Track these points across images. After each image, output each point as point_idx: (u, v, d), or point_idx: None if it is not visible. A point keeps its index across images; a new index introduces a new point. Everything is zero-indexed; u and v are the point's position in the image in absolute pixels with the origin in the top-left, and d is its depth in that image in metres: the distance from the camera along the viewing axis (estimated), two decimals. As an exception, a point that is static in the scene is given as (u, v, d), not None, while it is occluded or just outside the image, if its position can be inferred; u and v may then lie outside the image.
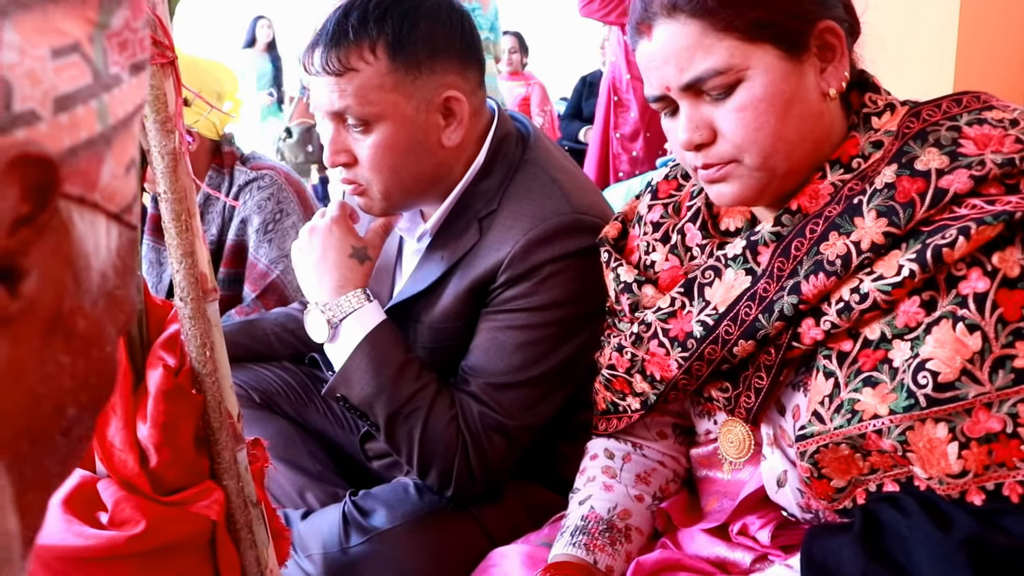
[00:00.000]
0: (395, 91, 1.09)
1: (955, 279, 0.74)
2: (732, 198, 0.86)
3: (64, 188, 0.26)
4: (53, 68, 0.26)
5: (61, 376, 0.28)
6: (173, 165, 0.85)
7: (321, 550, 1.15)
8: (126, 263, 0.31)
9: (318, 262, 1.15)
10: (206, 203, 1.79)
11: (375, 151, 1.10)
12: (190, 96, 1.54)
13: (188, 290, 0.88)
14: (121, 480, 0.88)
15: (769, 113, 0.81)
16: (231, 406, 0.92)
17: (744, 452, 0.93)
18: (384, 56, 1.08)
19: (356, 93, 1.08)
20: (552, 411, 1.16)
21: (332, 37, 1.08)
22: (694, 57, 0.81)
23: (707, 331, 0.88)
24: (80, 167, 0.27)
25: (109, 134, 0.28)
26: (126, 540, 0.85)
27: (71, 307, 0.28)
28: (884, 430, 0.76)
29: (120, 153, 0.29)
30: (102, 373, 0.30)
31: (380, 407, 1.10)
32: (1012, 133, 0.78)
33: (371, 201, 1.15)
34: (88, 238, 0.28)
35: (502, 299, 1.12)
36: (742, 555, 0.92)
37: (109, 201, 0.29)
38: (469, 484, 1.12)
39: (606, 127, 3.33)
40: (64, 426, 0.29)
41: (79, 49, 0.27)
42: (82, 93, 0.27)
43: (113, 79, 0.29)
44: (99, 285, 0.29)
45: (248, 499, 0.94)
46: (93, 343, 0.29)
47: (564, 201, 1.12)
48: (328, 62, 1.08)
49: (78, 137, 0.27)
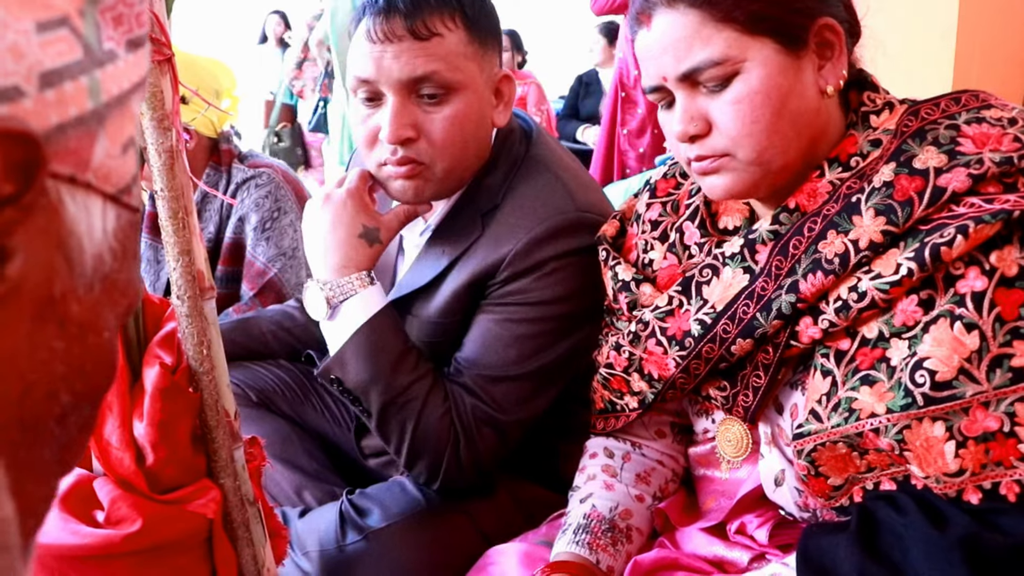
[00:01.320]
0: (473, 61, 1.08)
1: (953, 278, 0.74)
2: (724, 191, 0.86)
3: (52, 167, 0.25)
4: (38, 42, 0.25)
5: (54, 362, 0.27)
6: (170, 163, 0.85)
7: (318, 548, 1.15)
8: (125, 246, 0.30)
9: (326, 235, 1.11)
10: (204, 201, 1.79)
11: (449, 123, 1.07)
12: (187, 94, 1.54)
13: (185, 288, 0.88)
14: (117, 478, 0.88)
15: (765, 107, 0.81)
16: (228, 404, 0.92)
17: (742, 451, 0.93)
18: (463, 26, 1.07)
19: (445, 58, 1.05)
20: (544, 407, 1.15)
21: (410, 4, 1.05)
22: (692, 47, 0.81)
23: (705, 330, 0.88)
24: (70, 145, 0.26)
25: (102, 112, 0.27)
26: (122, 538, 0.85)
27: (63, 291, 0.27)
28: (881, 429, 0.76)
29: (115, 131, 0.28)
30: (99, 360, 0.29)
31: (375, 394, 1.09)
32: (1011, 132, 0.78)
33: (425, 184, 1.10)
34: (81, 219, 0.27)
35: (501, 293, 1.11)
36: (740, 554, 0.92)
37: (104, 181, 0.28)
38: (457, 477, 1.12)
39: (612, 123, 3.32)
40: (58, 414, 0.28)
41: (68, 23, 0.26)
42: (71, 69, 0.26)
43: (107, 55, 0.28)
44: (94, 268, 0.28)
45: (245, 497, 0.93)
46: (89, 329, 0.28)
47: (567, 199, 1.12)
48: (415, 27, 1.04)
49: (67, 114, 0.26)
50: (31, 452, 0.27)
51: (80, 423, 0.29)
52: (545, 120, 4.63)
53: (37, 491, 0.28)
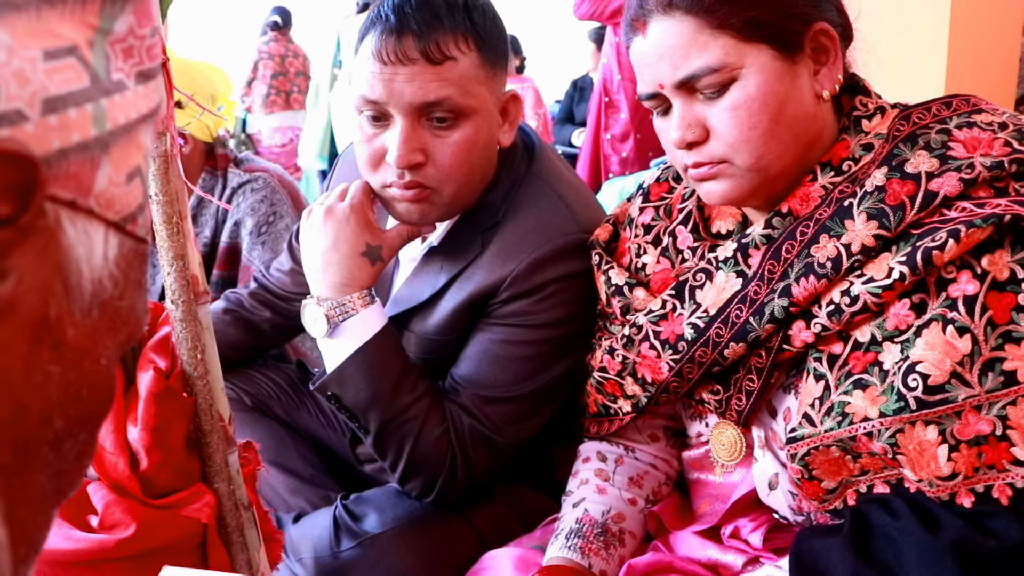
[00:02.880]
0: (483, 85, 1.05)
1: (945, 282, 0.75)
2: (722, 197, 0.86)
3: (51, 191, 0.26)
4: (44, 70, 0.25)
5: (49, 385, 0.27)
6: (164, 168, 0.85)
7: (312, 554, 1.14)
8: (128, 275, 0.30)
9: (327, 251, 1.08)
10: (200, 206, 1.79)
11: (458, 148, 1.04)
12: (183, 98, 1.54)
13: (179, 293, 0.88)
14: (111, 483, 0.88)
15: (762, 113, 0.81)
16: (222, 409, 0.92)
17: (735, 454, 0.93)
18: (475, 48, 1.03)
19: (458, 83, 1.02)
20: (539, 427, 1.14)
21: (423, 24, 1.01)
22: (689, 54, 0.82)
23: (698, 333, 0.88)
24: (71, 170, 0.26)
25: (106, 139, 0.28)
26: (116, 543, 0.85)
27: (59, 314, 0.27)
28: (874, 433, 0.76)
29: (120, 160, 0.29)
30: (95, 386, 0.29)
31: (373, 414, 1.08)
32: (1001, 136, 0.78)
33: (431, 207, 1.07)
34: (80, 244, 0.27)
35: (501, 313, 1.10)
36: (734, 557, 0.93)
37: (106, 208, 0.28)
38: (450, 493, 1.11)
39: (597, 128, 3.34)
40: (51, 438, 0.28)
41: (76, 52, 0.27)
42: (76, 96, 0.26)
43: (115, 85, 0.28)
44: (93, 294, 0.28)
45: (239, 502, 0.93)
46: (85, 354, 0.28)
47: (570, 219, 1.10)
48: (429, 49, 1.00)
49: (69, 140, 0.26)
50: (24, 477, 0.27)
51: (76, 451, 0.29)
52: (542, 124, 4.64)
53: (31, 517, 0.28)
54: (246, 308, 1.44)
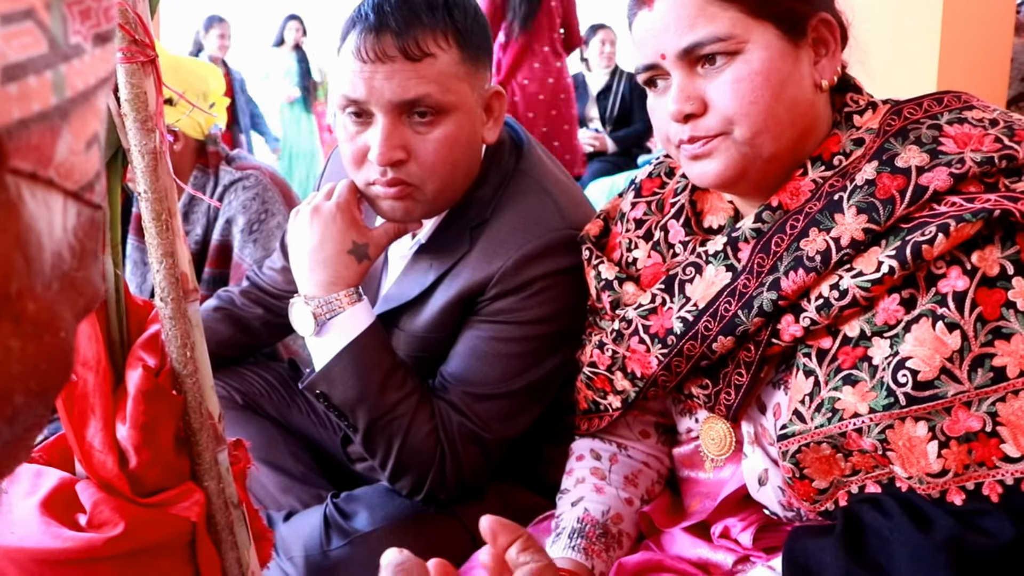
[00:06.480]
0: (464, 81, 1.06)
1: (935, 277, 0.75)
2: (714, 175, 0.85)
3: (12, 163, 0.25)
4: (2, 35, 0.24)
5: (9, 361, 0.26)
6: (153, 164, 0.85)
7: (303, 553, 1.14)
8: (85, 244, 0.29)
9: (313, 250, 1.08)
10: (191, 203, 1.78)
11: (440, 144, 1.04)
12: (173, 95, 1.54)
13: (168, 290, 0.87)
14: (100, 481, 0.88)
15: (764, 88, 0.81)
16: (212, 407, 0.91)
17: (725, 449, 0.93)
18: (455, 45, 1.04)
19: (437, 80, 1.02)
20: (527, 424, 1.14)
21: (402, 22, 1.01)
22: (696, 23, 0.82)
23: (687, 327, 0.88)
24: (32, 141, 0.25)
25: (66, 107, 0.27)
26: (104, 542, 0.84)
27: (20, 289, 0.26)
28: (864, 429, 0.76)
29: (80, 128, 0.28)
30: (54, 359, 0.28)
31: (362, 412, 1.08)
32: (992, 132, 0.79)
33: (415, 204, 1.08)
34: (40, 216, 0.26)
35: (490, 310, 1.10)
36: (724, 556, 0.92)
37: (66, 178, 0.27)
38: (439, 491, 1.11)
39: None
40: (9, 414, 0.27)
41: (33, 16, 0.25)
42: (35, 63, 0.25)
43: (73, 49, 0.27)
44: (52, 267, 0.28)
45: (229, 500, 0.93)
46: (45, 328, 0.28)
47: (558, 216, 1.10)
48: (407, 46, 1.01)
49: (29, 109, 0.25)
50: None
51: (28, 423, 0.29)
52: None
53: None
54: (238, 306, 1.44)
